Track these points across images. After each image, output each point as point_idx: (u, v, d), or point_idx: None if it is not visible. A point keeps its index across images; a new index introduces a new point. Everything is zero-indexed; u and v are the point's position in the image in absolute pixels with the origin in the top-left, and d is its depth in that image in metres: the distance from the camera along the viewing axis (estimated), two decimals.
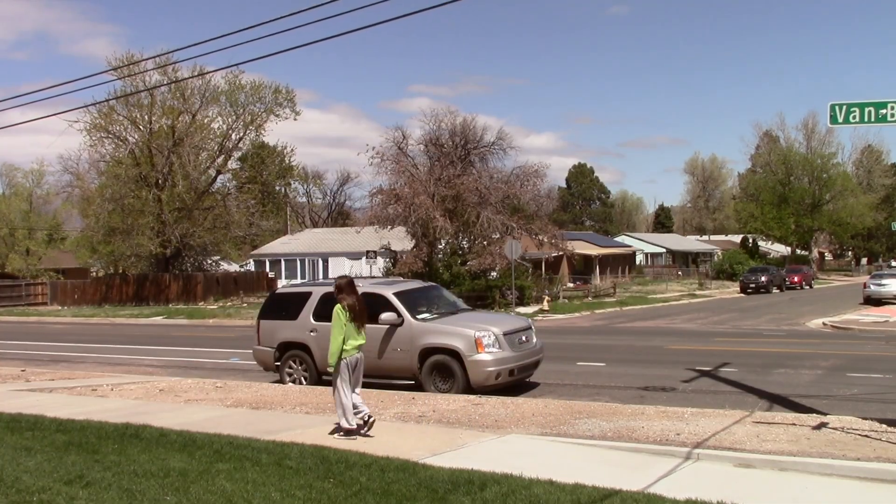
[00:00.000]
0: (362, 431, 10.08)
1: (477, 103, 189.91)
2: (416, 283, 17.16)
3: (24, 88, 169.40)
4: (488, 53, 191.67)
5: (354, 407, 10.07)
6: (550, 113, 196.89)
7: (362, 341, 10.29)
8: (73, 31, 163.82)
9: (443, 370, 14.15)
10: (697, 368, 17.26)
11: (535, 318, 32.32)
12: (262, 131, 56.92)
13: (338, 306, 10.13)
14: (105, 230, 53.46)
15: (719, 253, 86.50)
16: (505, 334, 14.20)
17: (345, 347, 10.04)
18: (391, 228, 41.11)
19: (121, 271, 60.26)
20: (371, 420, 10.16)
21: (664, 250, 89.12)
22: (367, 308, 14.65)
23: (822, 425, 10.24)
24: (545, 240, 42.15)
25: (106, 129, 51.61)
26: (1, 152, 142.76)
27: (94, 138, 51.57)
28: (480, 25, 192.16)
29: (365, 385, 14.75)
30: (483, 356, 13.81)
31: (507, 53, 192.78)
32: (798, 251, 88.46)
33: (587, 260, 65.01)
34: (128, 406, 13.13)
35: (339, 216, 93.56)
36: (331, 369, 10.16)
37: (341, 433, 10.08)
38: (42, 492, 7.27)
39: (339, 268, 58.16)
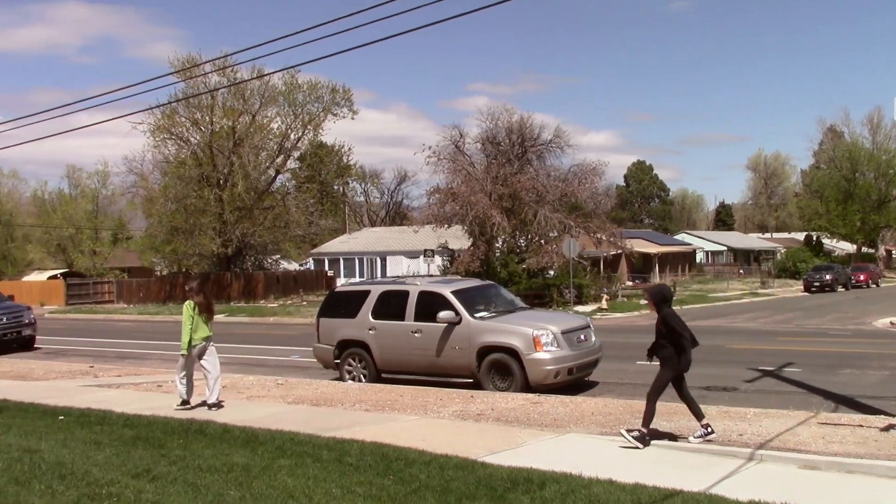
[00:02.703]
0: (208, 409, 12.20)
1: (535, 101, 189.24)
2: (473, 282, 17.18)
3: (90, 92, 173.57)
4: (546, 51, 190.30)
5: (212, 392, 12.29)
6: (608, 110, 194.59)
7: (209, 333, 12.52)
8: (137, 36, 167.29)
9: (501, 368, 14.15)
10: (760, 368, 16.96)
11: (594, 316, 32.09)
12: (320, 131, 57.40)
13: (188, 302, 12.29)
14: (168, 230, 54.45)
15: (782, 251, 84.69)
16: (563, 333, 14.13)
17: (193, 336, 12.21)
18: (448, 227, 41.12)
19: (184, 270, 61.41)
20: (218, 406, 12.30)
21: (725, 248, 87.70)
22: (426, 307, 14.90)
23: (891, 427, 9.99)
24: (603, 238, 41.75)
25: (169, 130, 52.54)
26: (67, 154, 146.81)
27: (157, 139, 52.59)
28: (539, 23, 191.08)
29: (423, 383, 14.92)
30: (541, 355, 13.77)
31: (566, 51, 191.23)
32: (864, 249, 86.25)
33: (646, 258, 64.31)
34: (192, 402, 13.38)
35: (396, 215, 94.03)
36: (184, 353, 12.25)
37: (179, 405, 12.48)
38: (111, 485, 7.48)
39: (398, 266, 58.50)
